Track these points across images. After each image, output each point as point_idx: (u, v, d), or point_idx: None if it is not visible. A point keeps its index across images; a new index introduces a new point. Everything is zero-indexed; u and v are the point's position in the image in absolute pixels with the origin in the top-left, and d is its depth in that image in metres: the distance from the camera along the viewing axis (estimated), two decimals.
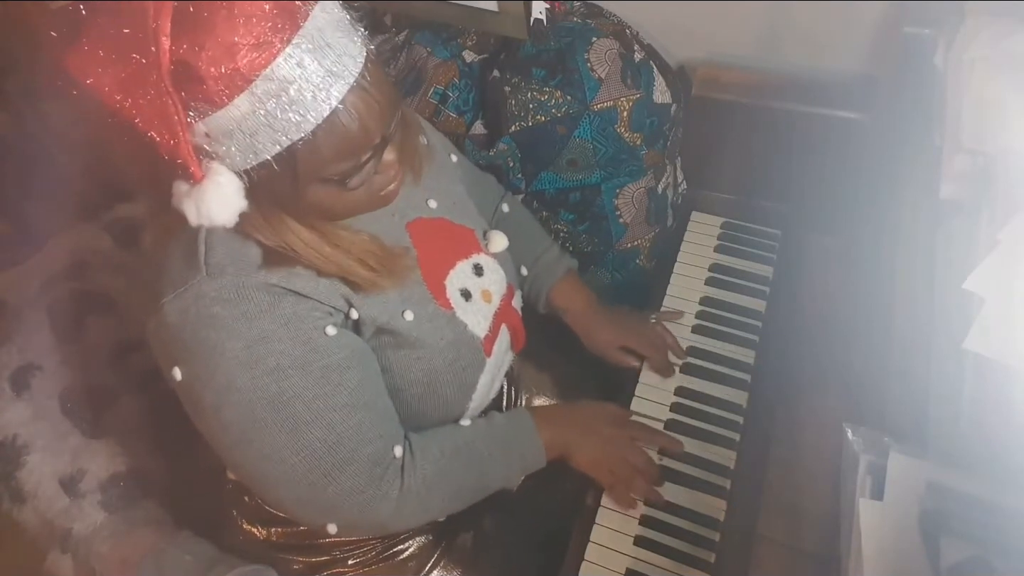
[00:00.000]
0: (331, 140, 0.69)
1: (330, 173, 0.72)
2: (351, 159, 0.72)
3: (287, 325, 0.77)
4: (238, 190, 0.70)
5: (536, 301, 1.17)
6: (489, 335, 0.97)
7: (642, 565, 0.95)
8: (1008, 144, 0.77)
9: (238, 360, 0.75)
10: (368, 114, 0.70)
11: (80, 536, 1.04)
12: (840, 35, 1.23)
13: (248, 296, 0.76)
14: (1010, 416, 0.67)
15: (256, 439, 0.78)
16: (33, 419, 1.07)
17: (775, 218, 1.29)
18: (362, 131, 0.71)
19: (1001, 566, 0.62)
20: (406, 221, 0.93)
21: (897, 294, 0.90)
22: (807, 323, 1.12)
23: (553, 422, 0.99)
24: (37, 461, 1.06)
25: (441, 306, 0.92)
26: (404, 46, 1.36)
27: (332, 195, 0.75)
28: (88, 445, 1.08)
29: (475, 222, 1.04)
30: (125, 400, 1.13)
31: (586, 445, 0.99)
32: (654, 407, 1.09)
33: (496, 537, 1.01)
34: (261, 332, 0.76)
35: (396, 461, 0.85)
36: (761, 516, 0.93)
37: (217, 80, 0.63)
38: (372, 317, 0.84)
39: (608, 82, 1.23)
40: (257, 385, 0.76)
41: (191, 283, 0.76)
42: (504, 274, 1.03)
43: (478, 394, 0.97)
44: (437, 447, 0.90)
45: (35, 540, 1.07)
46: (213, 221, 0.69)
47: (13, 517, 1.06)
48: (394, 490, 0.85)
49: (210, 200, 0.69)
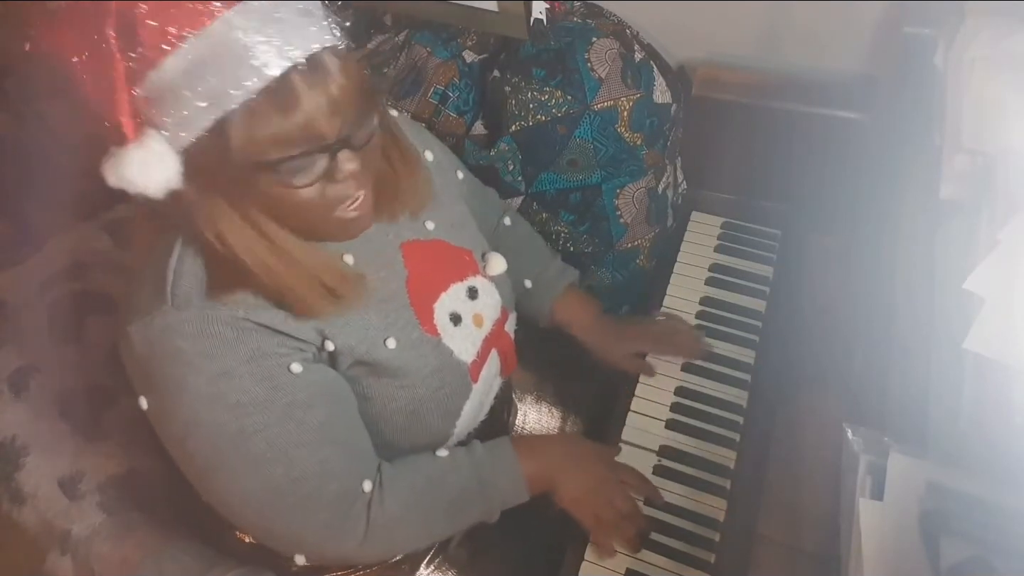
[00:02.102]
0: (265, 121, 0.66)
1: (264, 158, 0.68)
2: (287, 147, 0.68)
3: (250, 362, 0.76)
4: (165, 159, 0.67)
5: (538, 315, 1.14)
6: (476, 360, 0.95)
7: (642, 565, 0.95)
8: (1008, 144, 0.77)
9: (200, 395, 0.75)
10: (312, 103, 0.68)
11: (79, 537, 1.04)
12: (840, 35, 1.23)
13: (212, 331, 0.74)
14: (1010, 416, 0.67)
15: (220, 471, 0.78)
16: (32, 420, 1.07)
17: (775, 218, 1.29)
18: (303, 119, 0.67)
19: (1001, 566, 0.62)
20: (401, 241, 0.92)
21: (897, 294, 0.90)
22: (807, 323, 1.12)
23: (538, 455, 0.95)
24: (36, 462, 1.06)
25: (427, 332, 0.89)
26: (404, 46, 1.36)
27: (277, 191, 0.71)
28: (87, 446, 1.08)
29: (474, 243, 1.01)
30: (124, 401, 1.13)
31: (572, 482, 0.95)
32: (654, 407, 1.09)
33: (491, 538, 1.01)
34: (223, 368, 0.75)
35: (363, 496, 0.84)
36: (761, 516, 0.93)
37: (152, 35, 0.62)
38: (350, 347, 0.82)
39: (608, 82, 1.23)
40: (219, 420, 0.76)
41: (156, 313, 0.74)
42: (499, 298, 1.00)
43: (462, 420, 0.95)
44: (408, 481, 0.87)
45: (34, 541, 1.07)
46: (130, 185, 0.67)
47: (12, 518, 1.06)
48: (360, 525, 0.83)
49: (130, 161, 0.66)
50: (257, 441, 0.77)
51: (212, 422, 0.76)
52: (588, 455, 0.99)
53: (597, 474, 0.97)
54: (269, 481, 0.78)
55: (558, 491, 0.95)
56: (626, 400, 1.10)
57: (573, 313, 1.14)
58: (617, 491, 0.96)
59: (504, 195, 1.25)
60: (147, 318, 0.75)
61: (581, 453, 0.99)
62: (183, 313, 0.74)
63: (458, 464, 0.91)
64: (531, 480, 0.93)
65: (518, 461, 0.92)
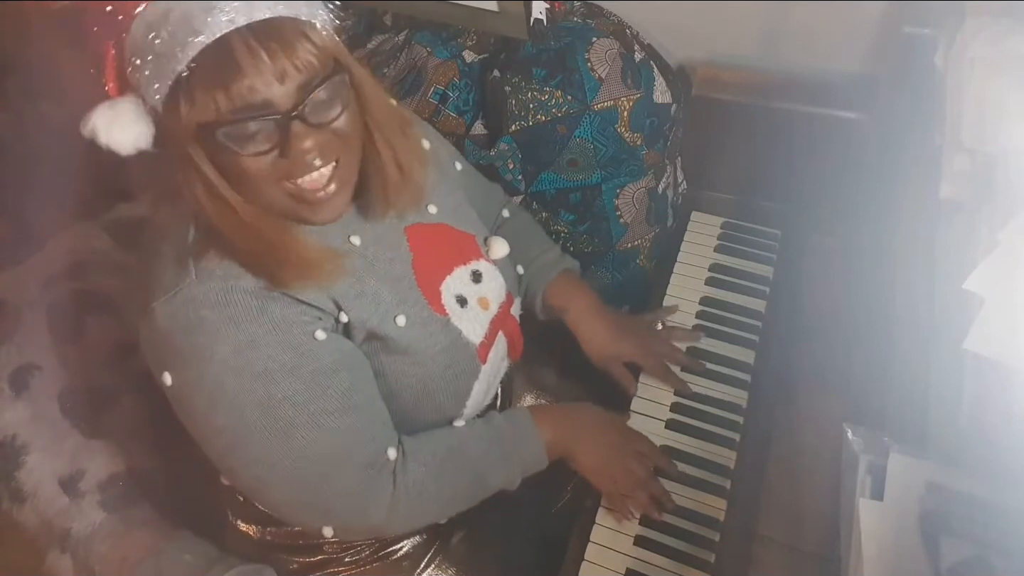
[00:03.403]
0: (209, 83, 0.68)
1: (209, 119, 0.70)
2: (230, 112, 0.70)
3: (275, 329, 0.77)
4: (132, 116, 0.71)
5: (532, 302, 1.13)
6: (485, 342, 0.96)
7: (642, 565, 0.95)
8: (1008, 144, 0.77)
9: (226, 364, 0.75)
10: (255, 70, 0.69)
11: (79, 536, 1.04)
12: (840, 35, 1.23)
13: (236, 300, 0.76)
14: (1010, 416, 0.67)
15: (247, 443, 0.78)
16: (32, 419, 1.07)
17: (775, 218, 1.29)
18: (246, 84, 0.69)
19: (1001, 566, 0.62)
20: (404, 225, 0.93)
21: (897, 294, 0.90)
22: (807, 323, 1.12)
23: (556, 422, 0.97)
24: (36, 461, 1.06)
25: (435, 311, 0.91)
26: (404, 46, 1.36)
27: (229, 159, 0.72)
28: (87, 445, 1.08)
29: (476, 228, 1.03)
30: (124, 400, 1.13)
31: (591, 449, 0.97)
32: (654, 407, 1.09)
33: (491, 536, 1.01)
34: (249, 336, 0.76)
35: (389, 464, 0.85)
36: (761, 516, 0.93)
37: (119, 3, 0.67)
38: (362, 320, 0.84)
39: (608, 82, 1.23)
40: (246, 389, 0.76)
41: (180, 287, 0.76)
42: (503, 281, 1.02)
43: (472, 401, 0.96)
44: (429, 450, 0.89)
45: (34, 540, 1.07)
46: (97, 137, 0.71)
47: (12, 517, 1.06)
48: (386, 493, 0.84)
49: (100, 116, 0.71)
50: (285, 408, 0.77)
51: (239, 390, 0.76)
52: (603, 423, 1.01)
53: (613, 442, 0.99)
54: (297, 448, 0.79)
55: (576, 458, 0.97)
56: (626, 403, 1.10)
57: (567, 298, 1.11)
58: (635, 458, 0.98)
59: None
60: (171, 293, 0.76)
61: (597, 421, 1.01)
62: (206, 284, 0.75)
63: (478, 433, 0.93)
64: (549, 447, 0.95)
65: (537, 428, 0.94)
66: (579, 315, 1.11)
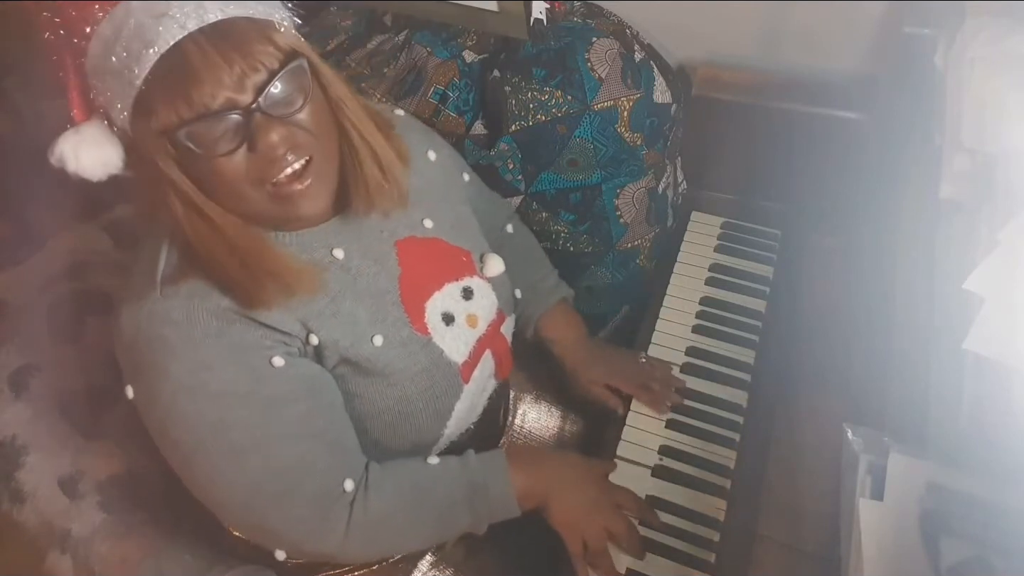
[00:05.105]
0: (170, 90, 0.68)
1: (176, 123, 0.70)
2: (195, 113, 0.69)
3: (232, 353, 0.77)
4: (99, 139, 0.72)
5: (525, 327, 1.12)
6: (469, 361, 0.94)
7: (642, 565, 0.95)
8: (1008, 144, 0.77)
9: (181, 383, 0.75)
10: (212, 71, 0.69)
11: (79, 536, 1.04)
12: (840, 35, 1.23)
13: (196, 320, 0.75)
14: (1010, 416, 0.67)
15: (201, 461, 0.79)
16: (32, 420, 1.07)
17: (775, 218, 1.29)
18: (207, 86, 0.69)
19: (1001, 566, 0.62)
20: (396, 239, 0.91)
21: (897, 294, 0.90)
22: (807, 323, 1.12)
23: (533, 472, 0.93)
24: (36, 462, 1.06)
25: (417, 331, 0.89)
26: (404, 46, 1.35)
27: (205, 164, 0.72)
28: (87, 446, 1.08)
29: (473, 243, 1.01)
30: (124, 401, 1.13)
31: (565, 503, 0.92)
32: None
33: (489, 537, 1.01)
34: (206, 358, 0.76)
35: (345, 496, 0.83)
36: (761, 516, 0.93)
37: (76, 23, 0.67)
38: (334, 341, 0.82)
39: (608, 82, 1.23)
40: (199, 410, 0.76)
41: (145, 300, 0.76)
42: (495, 299, 0.99)
43: (454, 420, 0.94)
44: (393, 485, 0.87)
45: (34, 540, 1.07)
46: (66, 165, 0.71)
47: (12, 517, 1.06)
48: (340, 524, 0.83)
49: (66, 142, 0.71)
50: (236, 433, 0.77)
51: (192, 412, 0.76)
52: (584, 476, 0.97)
53: (592, 497, 0.94)
54: (247, 473, 0.79)
55: (550, 510, 0.92)
56: (626, 400, 1.10)
57: (558, 330, 1.13)
58: (612, 514, 0.94)
59: (504, 195, 1.25)
60: (136, 304, 0.76)
61: (577, 473, 0.97)
62: (170, 301, 0.75)
63: (449, 475, 0.90)
64: (523, 496, 0.91)
65: (510, 477, 0.90)
66: (568, 347, 1.13)
